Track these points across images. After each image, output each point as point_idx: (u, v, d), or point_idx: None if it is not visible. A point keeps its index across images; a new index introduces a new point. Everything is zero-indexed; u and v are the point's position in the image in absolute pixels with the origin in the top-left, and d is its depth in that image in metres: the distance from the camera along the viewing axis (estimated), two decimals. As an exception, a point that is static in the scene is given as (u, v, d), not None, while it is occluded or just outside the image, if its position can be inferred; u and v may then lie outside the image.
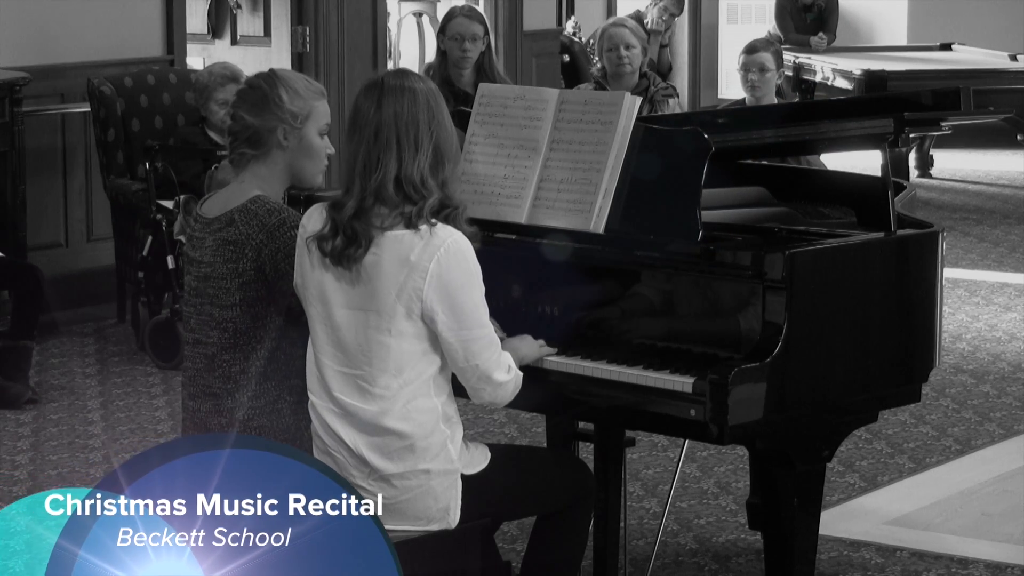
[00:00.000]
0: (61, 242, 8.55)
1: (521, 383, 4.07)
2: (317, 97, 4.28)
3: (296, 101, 4.24)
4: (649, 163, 4.35)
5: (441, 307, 3.93)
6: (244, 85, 4.35)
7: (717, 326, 4.17)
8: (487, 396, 4.04)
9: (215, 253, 4.21)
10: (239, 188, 4.27)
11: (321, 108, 4.28)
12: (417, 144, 3.95)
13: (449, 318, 3.94)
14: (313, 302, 4.04)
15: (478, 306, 3.97)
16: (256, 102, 4.25)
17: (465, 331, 3.95)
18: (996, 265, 9.84)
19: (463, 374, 4.01)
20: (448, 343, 3.96)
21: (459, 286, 3.93)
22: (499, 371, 4.01)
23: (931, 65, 11.73)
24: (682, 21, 14.18)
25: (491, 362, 4.00)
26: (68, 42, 8.55)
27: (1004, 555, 5.39)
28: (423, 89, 4.00)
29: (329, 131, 4.32)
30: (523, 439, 6.51)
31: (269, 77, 4.28)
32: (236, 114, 4.27)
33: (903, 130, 4.52)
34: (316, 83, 4.34)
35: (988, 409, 7.00)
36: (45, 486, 6.00)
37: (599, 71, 7.20)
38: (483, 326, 3.98)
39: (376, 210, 3.94)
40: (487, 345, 3.99)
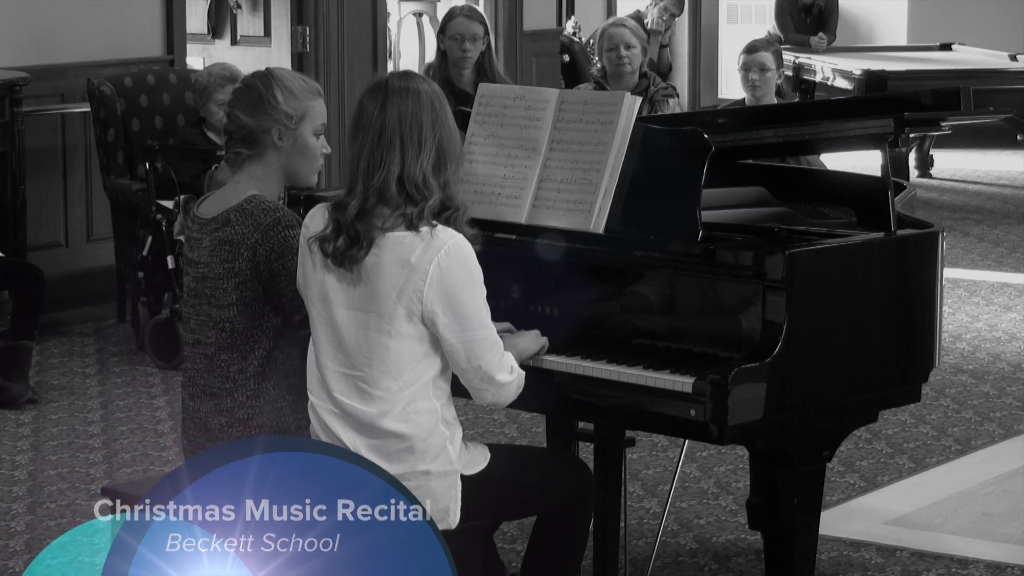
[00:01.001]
0: (61, 242, 8.55)
1: (523, 383, 4.07)
2: (313, 97, 4.28)
3: (291, 101, 4.24)
4: (649, 163, 4.35)
5: (441, 309, 3.93)
6: (240, 84, 4.35)
7: (717, 326, 4.17)
8: (490, 397, 4.04)
9: (212, 253, 4.22)
10: (235, 188, 4.27)
11: (317, 108, 4.28)
12: (420, 144, 3.95)
13: (450, 320, 3.94)
14: (315, 302, 4.04)
15: (480, 308, 3.97)
16: (251, 102, 4.25)
17: (467, 332, 3.95)
18: (996, 265, 9.84)
19: (465, 375, 4.01)
20: (450, 344, 3.96)
21: (460, 288, 3.93)
22: (502, 372, 4.01)
23: (931, 65, 11.73)
24: (682, 21, 14.18)
25: (493, 363, 4.00)
26: (68, 42, 8.55)
27: (1004, 555, 5.39)
28: (427, 90, 4.00)
29: (325, 131, 4.31)
30: (523, 439, 6.51)
31: (265, 77, 4.28)
32: (232, 113, 4.28)
33: (903, 130, 4.52)
34: (312, 82, 4.33)
35: (988, 409, 7.00)
36: (45, 486, 6.01)
37: (599, 71, 7.20)
38: (485, 327, 3.98)
39: (378, 211, 3.95)
40: (489, 346, 3.99)
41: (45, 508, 5.78)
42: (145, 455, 6.35)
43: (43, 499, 5.88)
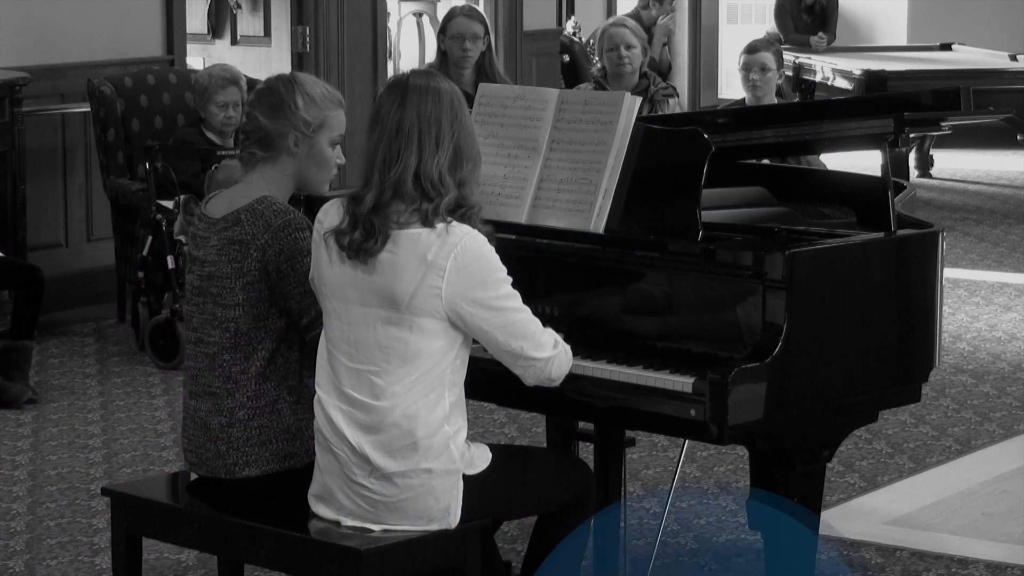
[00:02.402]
0: (61, 242, 8.55)
1: (571, 355, 4.06)
2: (333, 107, 4.27)
3: (311, 109, 4.23)
4: (649, 163, 4.35)
5: (465, 302, 3.93)
6: (263, 85, 4.34)
7: (717, 326, 4.17)
8: (533, 375, 4.03)
9: (219, 252, 4.21)
10: (246, 188, 4.26)
11: (336, 118, 4.27)
12: (438, 142, 3.95)
13: (478, 310, 3.94)
14: (329, 298, 4.04)
15: (506, 294, 3.96)
16: (272, 104, 4.24)
17: (498, 317, 3.95)
18: (996, 265, 9.84)
19: (507, 360, 4.01)
20: (484, 332, 3.96)
21: (480, 280, 3.94)
22: (543, 350, 4.01)
23: (931, 65, 11.73)
24: (682, 21, 14.18)
25: (533, 342, 3.99)
26: (68, 42, 8.55)
27: (1004, 555, 5.38)
28: (448, 90, 4.01)
29: (343, 141, 4.31)
30: (523, 439, 6.51)
31: (288, 81, 4.27)
32: (251, 113, 4.27)
33: (903, 130, 4.52)
34: (335, 92, 4.31)
35: (988, 409, 7.00)
36: (45, 486, 6.01)
37: (599, 71, 7.20)
38: (517, 310, 3.98)
39: (394, 205, 3.95)
40: (526, 325, 3.98)
41: (45, 508, 5.78)
42: (145, 455, 6.35)
43: (43, 499, 5.88)
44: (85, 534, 5.52)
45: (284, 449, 4.21)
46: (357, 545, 3.95)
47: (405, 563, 4.00)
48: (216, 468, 4.23)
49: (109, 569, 4.92)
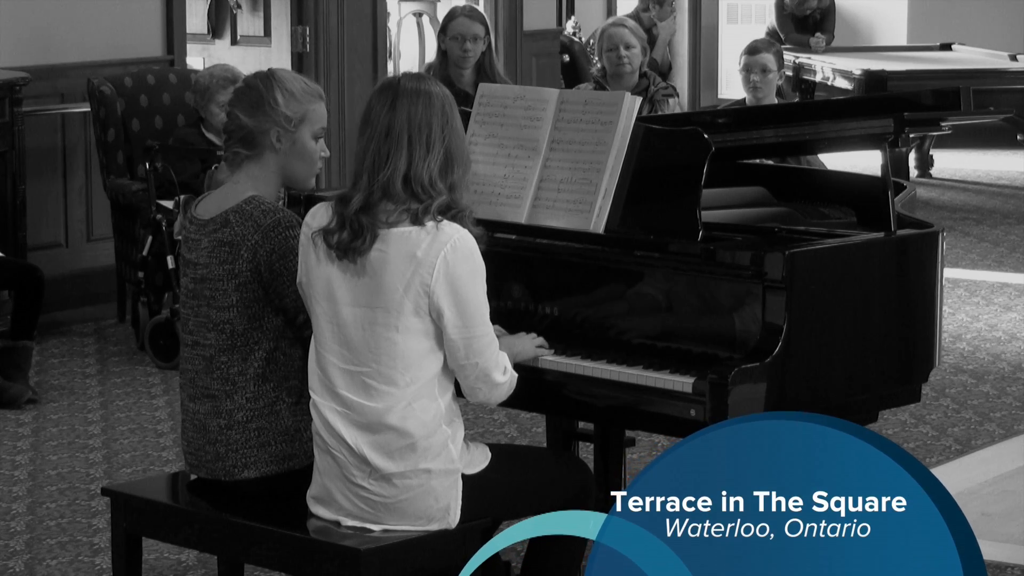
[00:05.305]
0: (61, 242, 8.55)
1: (515, 384, 4.08)
2: (313, 100, 4.27)
3: (291, 104, 4.23)
4: (649, 163, 4.35)
5: (447, 302, 3.93)
6: (241, 84, 4.34)
7: (717, 326, 4.17)
8: (482, 396, 4.05)
9: (211, 255, 4.21)
10: (233, 189, 4.26)
11: (317, 111, 4.27)
12: (429, 146, 3.95)
13: (454, 314, 3.94)
14: (319, 299, 4.04)
15: (482, 304, 3.98)
16: (251, 102, 4.24)
17: (469, 329, 3.96)
18: (996, 265, 9.83)
19: (462, 371, 4.02)
20: (451, 340, 3.97)
21: (465, 282, 3.94)
22: (497, 371, 4.02)
23: (931, 65, 11.73)
24: (682, 21, 14.18)
25: (491, 362, 4.00)
26: (68, 42, 8.55)
27: (1004, 555, 5.38)
28: (439, 94, 4.00)
29: (325, 134, 4.31)
30: (523, 439, 6.51)
31: (266, 78, 4.27)
32: (232, 113, 4.27)
33: (903, 130, 4.52)
34: (314, 85, 4.32)
35: (988, 409, 6.99)
36: (45, 486, 6.01)
37: (599, 71, 7.20)
38: (486, 324, 3.99)
39: (382, 205, 3.95)
40: (488, 344, 3.99)
41: (45, 508, 5.78)
42: (145, 455, 6.35)
43: (43, 499, 5.87)
44: (85, 534, 5.52)
45: (283, 451, 4.21)
46: (356, 545, 3.95)
47: (405, 563, 4.01)
48: (215, 470, 4.23)
49: (109, 569, 4.92)
